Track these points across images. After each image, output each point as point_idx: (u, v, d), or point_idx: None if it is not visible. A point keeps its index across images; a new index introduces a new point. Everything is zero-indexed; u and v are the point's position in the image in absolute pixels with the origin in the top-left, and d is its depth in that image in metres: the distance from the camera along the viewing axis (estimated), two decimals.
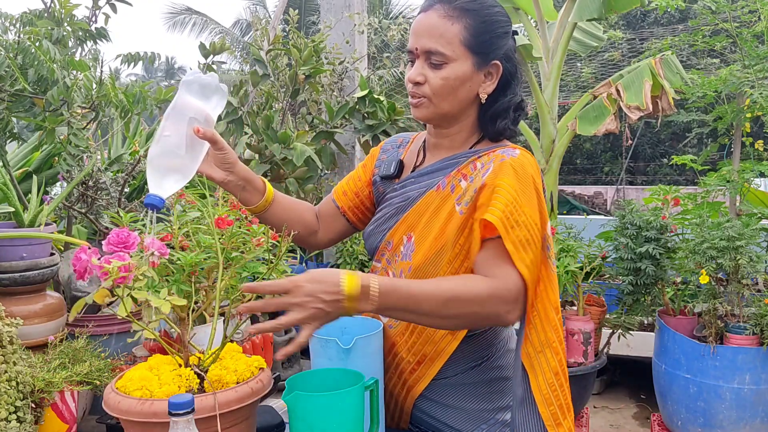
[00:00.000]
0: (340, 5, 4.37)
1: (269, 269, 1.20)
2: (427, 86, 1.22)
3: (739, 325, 2.83)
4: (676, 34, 4.81)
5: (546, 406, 1.18)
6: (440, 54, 1.19)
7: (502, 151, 1.23)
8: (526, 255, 1.12)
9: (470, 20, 1.20)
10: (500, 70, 1.25)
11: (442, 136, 1.31)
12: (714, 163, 4.01)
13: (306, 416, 1.10)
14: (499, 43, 1.24)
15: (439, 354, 1.26)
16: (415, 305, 1.07)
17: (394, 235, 1.31)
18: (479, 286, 1.10)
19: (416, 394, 1.30)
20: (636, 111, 3.92)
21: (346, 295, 1.02)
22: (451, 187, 1.25)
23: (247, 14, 17.58)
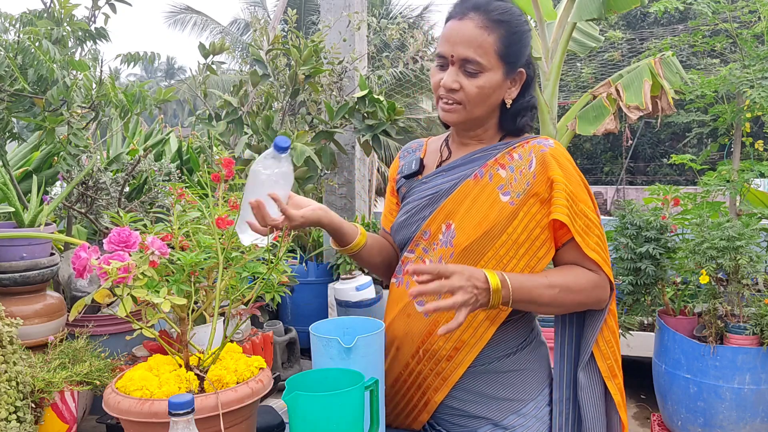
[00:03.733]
0: (340, 5, 4.36)
1: (269, 269, 1.20)
2: (462, 93, 1.27)
3: (739, 325, 2.83)
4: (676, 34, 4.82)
5: (604, 361, 1.30)
6: (477, 63, 1.25)
7: (536, 142, 1.31)
8: (590, 239, 1.25)
9: (503, 31, 1.26)
10: (524, 76, 1.33)
11: (468, 136, 1.39)
12: (714, 163, 4.01)
13: (306, 416, 1.10)
14: (525, 52, 1.32)
15: (477, 340, 1.29)
16: (538, 296, 1.20)
17: (431, 225, 1.35)
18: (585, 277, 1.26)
19: (452, 382, 1.31)
20: (635, 111, 3.92)
21: (493, 289, 1.14)
22: (489, 176, 1.31)
23: (245, 14, 17.58)
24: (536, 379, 1.35)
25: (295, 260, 4.40)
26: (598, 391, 1.32)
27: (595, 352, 1.30)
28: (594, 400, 1.32)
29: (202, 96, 3.49)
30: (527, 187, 1.27)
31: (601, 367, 1.30)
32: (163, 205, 2.48)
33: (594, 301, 1.27)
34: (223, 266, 1.16)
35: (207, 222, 1.20)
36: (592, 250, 1.25)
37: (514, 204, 1.27)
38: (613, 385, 1.31)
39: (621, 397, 1.31)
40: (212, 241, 1.17)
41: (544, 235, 1.26)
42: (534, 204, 1.26)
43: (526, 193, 1.27)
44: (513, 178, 1.29)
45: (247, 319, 1.49)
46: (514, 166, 1.30)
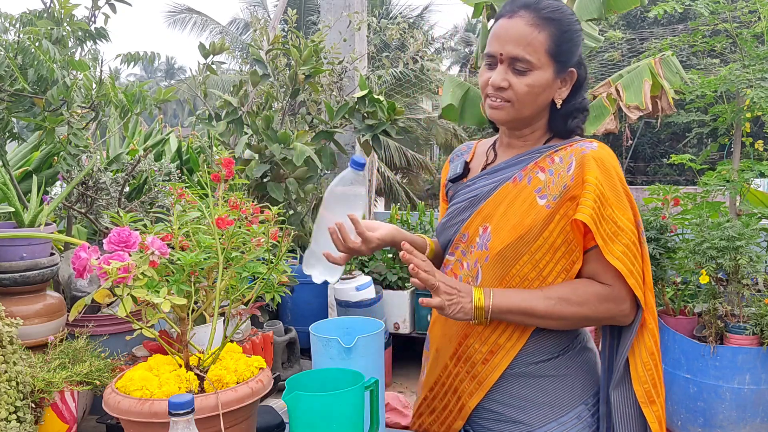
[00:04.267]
0: (340, 5, 4.37)
1: (269, 269, 1.20)
2: (511, 91, 1.25)
3: (739, 325, 2.83)
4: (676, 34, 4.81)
5: (640, 385, 1.23)
6: (527, 61, 1.23)
7: (579, 145, 1.27)
8: (614, 246, 1.19)
9: (554, 29, 1.24)
10: (575, 76, 1.30)
11: (515, 137, 1.36)
12: (714, 163, 4.00)
13: (306, 416, 1.10)
14: (576, 51, 1.29)
15: (513, 345, 1.27)
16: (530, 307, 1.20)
17: (469, 227, 1.34)
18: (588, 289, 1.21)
19: (488, 386, 1.29)
20: (635, 111, 3.92)
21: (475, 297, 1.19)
22: (528, 179, 1.29)
23: (245, 14, 17.57)
24: (578, 387, 1.30)
25: (295, 260, 4.40)
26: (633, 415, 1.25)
27: (632, 375, 1.24)
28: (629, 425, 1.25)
29: (202, 96, 3.49)
30: (564, 189, 1.23)
31: (636, 391, 1.23)
32: (163, 205, 2.48)
33: (605, 316, 1.22)
34: (223, 266, 1.16)
35: (207, 222, 1.20)
36: (615, 257, 1.18)
37: (551, 207, 1.24)
38: (650, 411, 1.23)
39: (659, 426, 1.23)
40: (212, 241, 1.17)
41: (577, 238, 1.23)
42: (570, 207, 1.22)
43: (562, 196, 1.23)
44: (551, 181, 1.26)
45: (247, 319, 1.49)
46: (554, 170, 1.27)
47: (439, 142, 13.28)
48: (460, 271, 1.35)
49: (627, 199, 1.24)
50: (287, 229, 1.25)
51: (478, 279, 1.30)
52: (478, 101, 4.26)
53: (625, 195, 1.24)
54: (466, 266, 1.33)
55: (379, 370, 1.31)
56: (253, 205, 1.26)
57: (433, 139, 13.40)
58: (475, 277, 1.31)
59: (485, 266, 1.29)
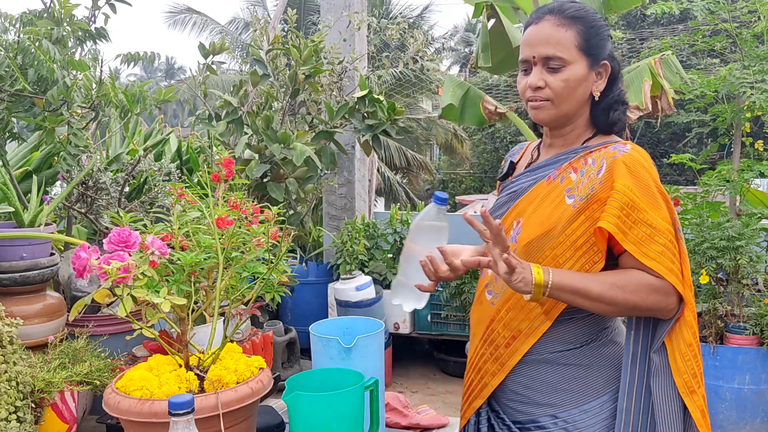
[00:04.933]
0: (340, 5, 4.36)
1: (269, 269, 1.20)
2: (548, 90, 1.31)
3: (739, 325, 2.83)
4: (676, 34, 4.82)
5: (680, 375, 1.27)
6: (559, 58, 1.29)
7: (613, 148, 1.31)
8: (650, 248, 1.23)
9: (581, 26, 1.31)
10: (608, 69, 1.35)
11: (556, 137, 1.41)
12: (714, 163, 4.00)
13: (306, 416, 1.10)
14: (605, 44, 1.35)
15: (533, 331, 1.33)
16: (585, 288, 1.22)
17: (505, 221, 1.40)
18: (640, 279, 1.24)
19: (509, 368, 1.36)
20: (636, 111, 3.91)
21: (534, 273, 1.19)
22: (561, 178, 1.34)
23: (245, 14, 17.56)
24: (603, 379, 1.34)
25: (295, 260, 4.40)
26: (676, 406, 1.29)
27: (672, 367, 1.28)
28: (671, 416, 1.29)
29: (202, 96, 3.49)
30: (591, 192, 1.28)
31: (677, 382, 1.28)
32: (163, 205, 2.48)
33: (653, 307, 1.25)
34: (223, 266, 1.16)
35: (207, 222, 1.20)
36: (651, 258, 1.22)
37: (576, 207, 1.28)
38: (691, 401, 1.27)
39: (701, 415, 1.28)
40: (212, 241, 1.17)
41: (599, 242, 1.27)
42: (596, 209, 1.27)
43: (588, 198, 1.28)
44: (581, 182, 1.31)
45: (247, 319, 1.49)
46: (585, 171, 1.32)
47: (439, 142, 13.27)
48: None
49: (662, 198, 1.28)
50: (287, 229, 1.25)
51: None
52: (478, 101, 4.26)
53: (660, 194, 1.28)
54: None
55: (379, 370, 1.31)
56: (253, 205, 1.26)
57: (433, 139, 13.40)
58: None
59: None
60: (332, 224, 4.64)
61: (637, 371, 1.33)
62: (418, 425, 1.72)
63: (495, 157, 14.67)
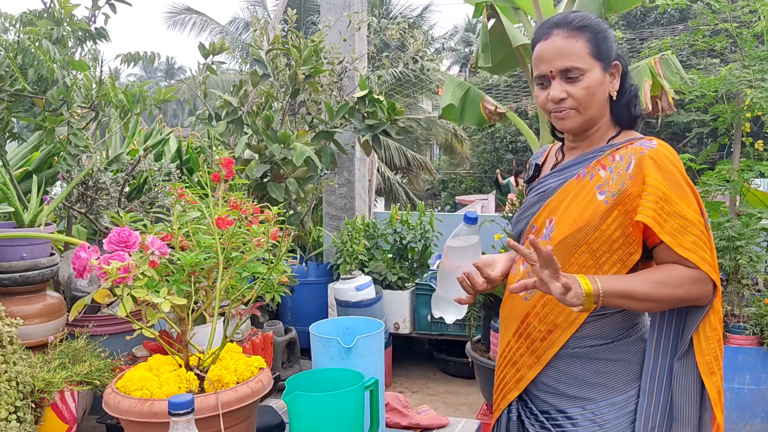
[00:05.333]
0: (340, 5, 4.36)
1: (269, 269, 1.20)
2: (571, 100, 1.37)
3: (739, 325, 2.83)
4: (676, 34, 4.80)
5: (702, 356, 1.32)
6: (576, 69, 1.35)
7: (639, 144, 1.37)
8: (684, 239, 1.29)
9: (589, 34, 1.37)
10: (620, 68, 1.42)
11: (580, 140, 1.47)
12: (714, 163, 4.00)
13: (306, 416, 1.10)
14: (613, 46, 1.42)
15: (569, 325, 1.38)
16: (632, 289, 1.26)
17: (538, 220, 1.46)
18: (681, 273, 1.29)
19: (545, 361, 1.40)
20: None
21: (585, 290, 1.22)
22: (590, 176, 1.40)
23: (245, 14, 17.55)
24: (632, 373, 1.39)
25: (295, 260, 4.40)
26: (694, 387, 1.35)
27: (695, 348, 1.33)
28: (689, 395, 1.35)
29: (202, 96, 3.49)
30: (622, 187, 1.33)
31: (699, 362, 1.33)
32: (163, 205, 2.48)
33: (695, 297, 1.31)
34: (223, 266, 1.16)
35: (207, 222, 1.20)
36: (686, 249, 1.28)
37: (609, 203, 1.34)
38: (710, 381, 1.33)
39: (718, 395, 1.33)
40: (212, 241, 1.17)
41: (637, 235, 1.32)
42: (629, 204, 1.32)
43: (620, 194, 1.33)
44: (611, 179, 1.36)
45: (247, 319, 1.49)
46: (614, 167, 1.37)
47: (439, 142, 13.28)
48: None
49: (691, 190, 1.34)
50: (287, 229, 1.25)
51: None
52: (478, 101, 4.26)
53: (688, 187, 1.33)
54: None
55: (379, 370, 1.31)
56: (253, 205, 1.26)
57: (433, 139, 13.40)
58: None
59: None
60: (332, 224, 4.64)
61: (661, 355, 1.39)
62: (418, 425, 1.72)
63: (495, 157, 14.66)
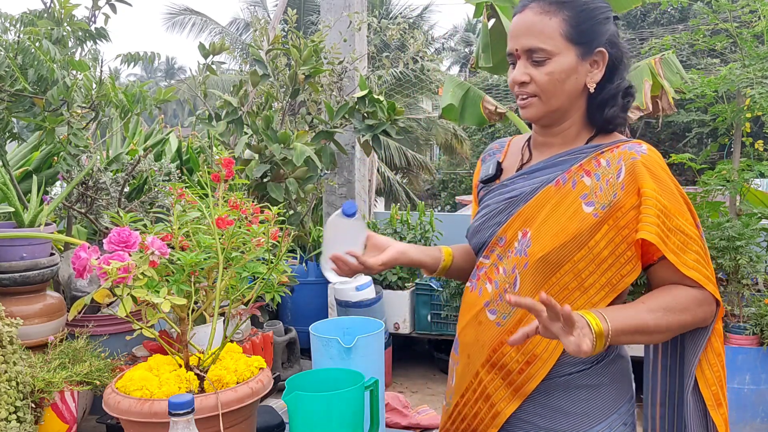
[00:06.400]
0: (340, 5, 4.36)
1: (269, 269, 1.20)
2: (534, 84, 1.20)
3: (739, 325, 2.83)
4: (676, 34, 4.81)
5: (708, 387, 1.19)
6: (541, 50, 1.18)
7: (628, 147, 1.20)
8: (687, 257, 1.15)
9: (568, 12, 1.18)
10: (606, 56, 1.22)
11: (552, 135, 1.29)
12: (714, 163, 4.00)
13: (306, 416, 1.10)
14: (601, 29, 1.21)
15: (550, 354, 1.22)
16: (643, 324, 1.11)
17: (507, 231, 1.28)
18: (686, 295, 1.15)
19: (524, 395, 1.24)
20: (636, 111, 3.91)
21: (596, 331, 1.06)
22: (573, 183, 1.22)
23: (245, 14, 17.56)
24: (612, 396, 1.26)
25: (295, 260, 4.40)
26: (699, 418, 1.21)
27: (698, 377, 1.19)
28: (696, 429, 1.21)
29: (202, 96, 3.49)
30: (614, 198, 1.17)
31: (704, 394, 1.18)
32: (163, 205, 2.48)
33: (701, 319, 1.17)
34: (223, 266, 1.16)
35: (207, 222, 1.20)
36: (690, 268, 1.14)
37: (598, 216, 1.17)
38: (717, 414, 1.18)
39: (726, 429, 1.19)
40: (212, 241, 1.17)
41: (630, 252, 1.16)
42: (621, 218, 1.16)
43: (612, 206, 1.16)
44: (598, 188, 1.19)
45: (247, 319, 1.49)
46: (601, 174, 1.20)
47: (439, 142, 13.27)
48: (495, 275, 1.29)
49: (684, 201, 1.19)
50: (287, 229, 1.25)
51: (516, 285, 1.25)
52: (478, 101, 4.26)
53: (681, 197, 1.18)
54: (503, 271, 1.28)
55: (379, 370, 1.31)
56: (253, 205, 1.26)
57: (433, 139, 13.39)
58: (512, 283, 1.26)
59: (524, 273, 1.23)
60: None
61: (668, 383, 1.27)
62: (418, 425, 1.72)
63: None
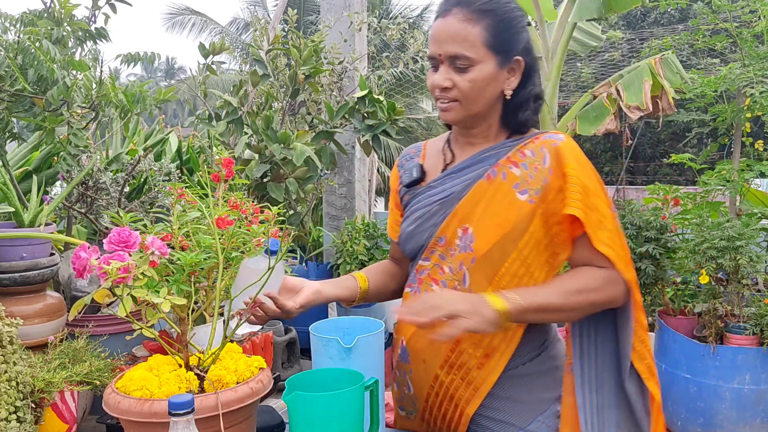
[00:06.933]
0: (340, 5, 4.36)
1: (269, 269, 1.20)
2: (456, 90, 1.24)
3: (739, 325, 2.83)
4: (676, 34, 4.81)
5: (641, 361, 1.23)
6: (465, 58, 1.21)
7: (548, 137, 1.27)
8: (602, 233, 1.20)
9: (490, 21, 1.22)
10: (522, 64, 1.27)
11: (471, 135, 1.34)
12: (714, 163, 4.01)
13: (306, 416, 1.10)
14: (518, 38, 1.26)
15: (509, 343, 1.26)
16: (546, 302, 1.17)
17: (446, 230, 1.31)
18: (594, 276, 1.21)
19: (484, 392, 1.27)
20: (636, 111, 3.92)
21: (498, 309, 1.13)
22: (503, 175, 1.27)
23: (245, 14, 17.57)
24: (555, 380, 1.31)
25: (295, 260, 4.40)
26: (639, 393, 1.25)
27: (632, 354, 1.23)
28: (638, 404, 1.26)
29: (202, 96, 3.49)
30: (544, 183, 1.23)
31: (639, 368, 1.22)
32: (163, 205, 2.48)
33: (607, 299, 1.21)
34: (223, 266, 1.16)
35: (207, 222, 1.20)
36: (604, 244, 1.19)
37: (534, 202, 1.23)
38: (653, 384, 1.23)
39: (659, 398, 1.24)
40: (212, 241, 1.17)
41: (562, 231, 1.23)
42: (552, 201, 1.23)
43: (543, 190, 1.23)
44: (528, 176, 1.24)
45: (247, 319, 1.49)
46: (528, 163, 1.25)
47: None
48: (440, 275, 1.32)
49: (600, 185, 1.25)
50: (287, 229, 1.25)
51: (465, 282, 1.28)
52: None
53: (597, 179, 1.25)
54: (448, 270, 1.30)
55: (379, 370, 1.31)
56: (253, 205, 1.26)
57: None
58: (461, 280, 1.28)
59: (472, 268, 1.27)
60: (332, 224, 4.64)
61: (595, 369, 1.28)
62: None
63: None
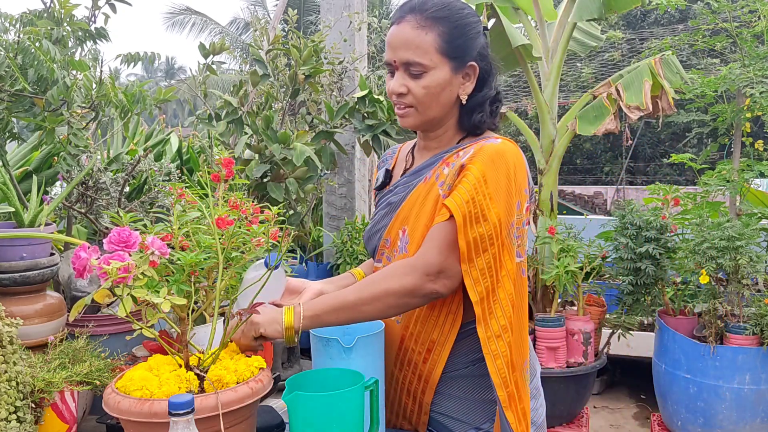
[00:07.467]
0: (340, 5, 4.36)
1: (269, 269, 1.20)
2: (411, 96, 1.27)
3: (739, 325, 2.83)
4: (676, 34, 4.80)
5: (503, 389, 1.20)
6: (418, 64, 1.24)
7: (484, 141, 1.28)
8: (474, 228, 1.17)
9: (443, 27, 1.24)
10: (477, 70, 1.30)
11: (429, 139, 1.37)
12: (714, 163, 4.01)
13: (306, 416, 1.10)
14: (472, 44, 1.28)
15: (446, 337, 1.29)
16: (344, 303, 1.19)
17: (390, 232, 1.36)
18: (394, 265, 1.21)
19: (434, 384, 1.31)
20: (636, 111, 3.92)
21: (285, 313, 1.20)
22: (436, 175, 1.30)
23: (245, 14, 17.57)
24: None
25: (295, 260, 4.40)
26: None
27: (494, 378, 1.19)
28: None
29: (202, 96, 3.49)
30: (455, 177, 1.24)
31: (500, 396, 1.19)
32: (163, 205, 2.48)
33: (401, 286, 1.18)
34: (223, 266, 1.16)
35: (207, 222, 1.20)
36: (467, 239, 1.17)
37: (446, 197, 1.23)
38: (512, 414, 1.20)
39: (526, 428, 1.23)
40: (212, 241, 1.17)
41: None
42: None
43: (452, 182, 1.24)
44: (451, 173, 1.26)
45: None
46: (456, 163, 1.27)
47: None
48: None
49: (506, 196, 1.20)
50: (287, 229, 1.25)
51: None
52: None
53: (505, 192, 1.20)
54: None
55: (379, 370, 1.31)
56: (253, 205, 1.26)
57: None
58: None
59: None
60: (332, 224, 4.64)
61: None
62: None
63: None
